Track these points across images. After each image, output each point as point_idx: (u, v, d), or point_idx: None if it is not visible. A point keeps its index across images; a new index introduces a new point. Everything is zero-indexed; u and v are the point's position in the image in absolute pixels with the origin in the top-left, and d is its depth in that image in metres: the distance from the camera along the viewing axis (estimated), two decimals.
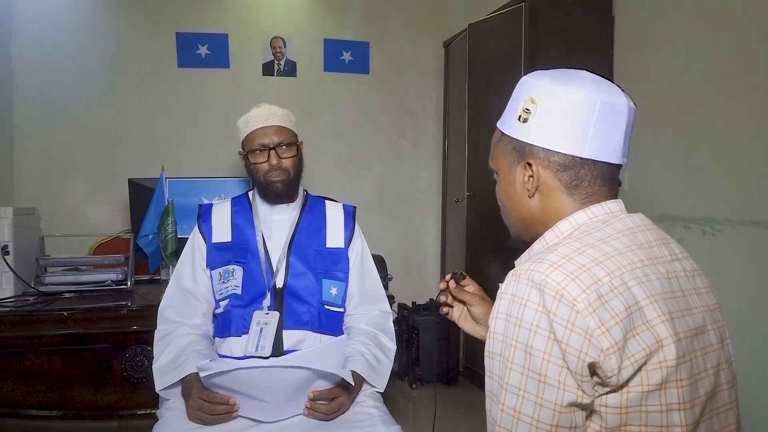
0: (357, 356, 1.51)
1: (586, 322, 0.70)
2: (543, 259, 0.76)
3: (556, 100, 0.83)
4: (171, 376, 1.44)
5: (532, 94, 0.85)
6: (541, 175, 0.86)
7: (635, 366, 0.71)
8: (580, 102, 0.82)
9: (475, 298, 1.12)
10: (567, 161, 0.84)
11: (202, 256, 1.61)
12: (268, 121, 1.58)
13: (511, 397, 0.74)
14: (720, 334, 0.84)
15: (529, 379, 0.73)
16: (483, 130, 2.99)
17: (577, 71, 0.87)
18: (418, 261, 3.80)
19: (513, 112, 0.89)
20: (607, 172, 0.85)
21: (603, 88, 0.83)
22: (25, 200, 3.10)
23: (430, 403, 2.94)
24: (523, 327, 0.74)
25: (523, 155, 0.87)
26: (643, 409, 0.73)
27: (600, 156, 0.83)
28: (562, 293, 0.72)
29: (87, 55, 3.22)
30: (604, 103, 0.81)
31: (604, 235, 0.80)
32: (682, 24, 2.22)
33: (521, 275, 0.76)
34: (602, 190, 0.85)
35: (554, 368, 0.71)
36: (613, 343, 0.70)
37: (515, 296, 0.76)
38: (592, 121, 0.81)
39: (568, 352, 0.71)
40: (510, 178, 0.91)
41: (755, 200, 1.92)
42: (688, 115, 2.17)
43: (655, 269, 0.79)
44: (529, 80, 0.87)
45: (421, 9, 3.72)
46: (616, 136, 0.83)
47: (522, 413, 0.73)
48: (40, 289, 2.03)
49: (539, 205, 0.88)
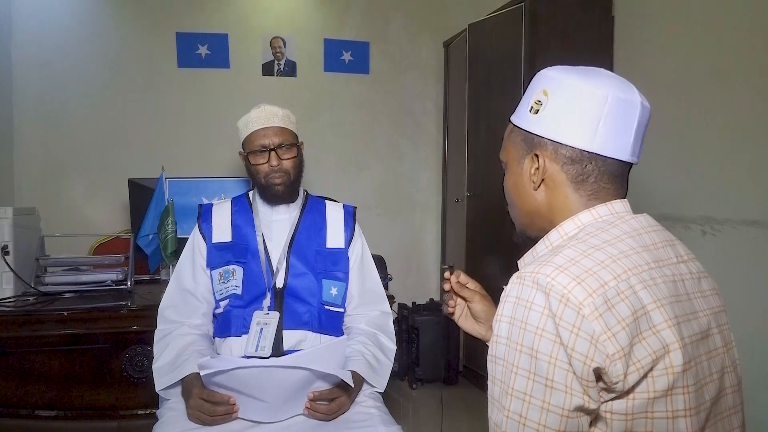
0: (357, 356, 1.51)
1: (592, 327, 0.69)
2: (548, 262, 0.75)
3: (567, 92, 0.83)
4: (171, 376, 1.44)
5: (545, 87, 0.85)
6: (547, 168, 0.85)
7: (641, 372, 0.70)
8: (591, 96, 0.81)
9: (475, 294, 1.11)
10: (574, 155, 0.83)
11: (202, 256, 1.61)
12: (268, 122, 1.58)
13: (517, 402, 0.73)
14: (725, 337, 0.84)
15: (535, 383, 0.72)
16: (483, 130, 2.99)
17: (597, 69, 0.87)
18: (418, 261, 3.80)
19: (526, 103, 0.88)
20: (616, 170, 0.84)
21: (617, 84, 0.82)
22: (25, 200, 3.10)
23: (430, 403, 2.94)
24: (528, 330, 0.72)
25: (532, 147, 0.87)
26: (649, 416, 0.72)
27: (608, 152, 0.82)
28: (568, 297, 0.71)
29: (87, 55, 3.23)
30: (615, 98, 0.81)
31: (609, 237, 0.79)
32: (682, 24, 2.22)
33: (526, 278, 0.75)
34: (609, 188, 0.84)
35: (561, 372, 0.70)
36: (619, 349, 0.69)
37: (520, 299, 0.75)
38: (602, 115, 0.81)
39: (573, 357, 0.70)
40: (518, 170, 0.90)
41: (755, 200, 1.91)
42: (689, 115, 2.17)
43: (661, 272, 0.78)
44: (545, 73, 0.87)
45: (421, 9, 3.72)
46: (626, 132, 0.82)
47: (528, 419, 0.72)
48: (40, 289, 2.03)
49: (544, 198, 0.87)
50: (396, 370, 2.30)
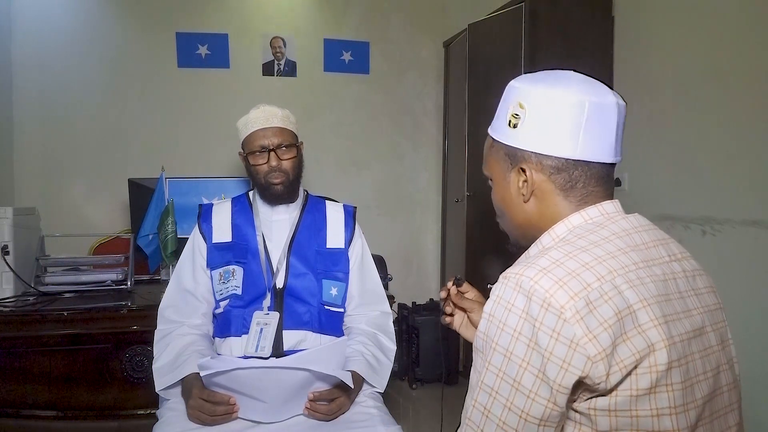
0: (357, 356, 1.51)
1: (573, 330, 0.70)
2: (533, 264, 0.76)
3: (544, 104, 0.83)
4: (171, 377, 1.44)
5: (520, 99, 0.85)
6: (535, 180, 0.85)
7: (624, 371, 0.71)
8: (569, 104, 0.81)
9: (475, 305, 1.12)
10: (560, 164, 0.83)
11: (202, 256, 1.61)
12: (267, 122, 1.58)
13: (484, 395, 0.75)
14: (721, 335, 0.84)
15: (503, 382, 0.74)
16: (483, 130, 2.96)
17: (563, 72, 0.87)
18: (418, 261, 3.81)
19: (503, 117, 0.88)
20: (602, 172, 0.85)
21: (590, 89, 0.83)
22: (25, 200, 3.11)
23: (430, 403, 2.94)
24: (505, 332, 0.74)
25: (516, 161, 0.87)
26: (634, 414, 0.72)
27: (593, 156, 0.83)
28: (550, 301, 0.71)
29: (87, 55, 3.23)
30: (592, 104, 0.81)
31: (597, 238, 0.79)
32: (682, 24, 2.22)
33: (510, 278, 0.76)
34: (597, 191, 0.85)
35: (529, 377, 0.72)
36: (601, 350, 0.70)
37: (501, 299, 0.76)
38: (582, 122, 0.81)
39: (550, 361, 0.70)
40: (504, 184, 0.90)
41: (755, 200, 1.91)
42: (689, 115, 2.17)
43: (650, 272, 0.78)
44: (515, 85, 0.87)
45: (421, 9, 3.72)
46: (607, 135, 0.83)
47: (492, 413, 0.74)
48: (40, 289, 2.03)
49: (535, 209, 0.88)
50: (396, 370, 2.30)
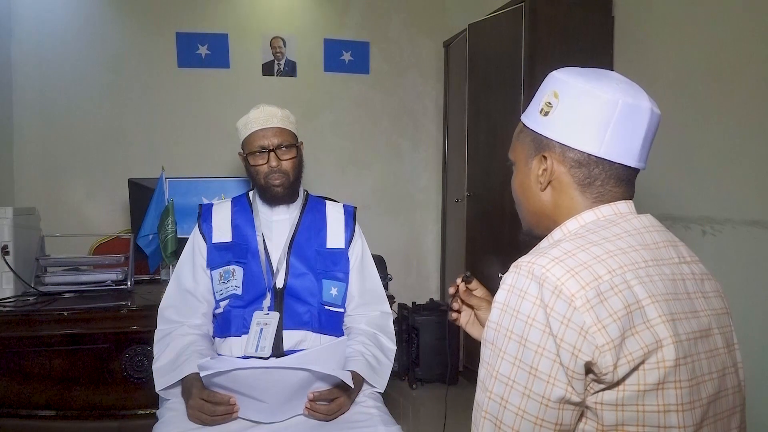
0: (357, 356, 1.51)
1: (583, 319, 0.71)
2: (545, 253, 0.77)
3: (577, 96, 0.83)
4: (171, 377, 1.44)
5: (556, 89, 0.86)
6: (555, 170, 0.86)
7: (632, 364, 0.71)
8: (602, 101, 0.81)
9: (482, 302, 1.12)
10: (582, 158, 0.84)
11: (202, 256, 1.61)
12: (267, 122, 1.58)
13: (500, 385, 0.75)
14: (727, 338, 0.84)
15: (519, 370, 0.74)
16: (483, 130, 2.99)
17: (608, 72, 0.87)
18: (418, 261, 3.81)
19: (536, 104, 0.89)
20: (622, 174, 0.85)
21: (628, 90, 0.83)
22: (25, 200, 3.10)
23: (430, 403, 2.94)
24: (519, 319, 0.74)
25: (540, 148, 0.88)
26: (640, 409, 0.73)
27: (616, 157, 0.83)
28: (561, 288, 0.72)
29: (87, 55, 3.23)
30: (626, 104, 0.81)
31: (609, 234, 0.80)
32: (682, 24, 2.22)
33: (522, 267, 0.77)
34: (615, 192, 0.85)
35: (546, 362, 0.72)
36: (609, 340, 0.71)
37: (514, 287, 0.76)
38: (612, 121, 0.81)
39: (562, 347, 0.71)
40: (525, 170, 0.91)
41: (755, 200, 1.91)
42: (689, 115, 2.17)
43: (660, 270, 0.79)
44: (556, 75, 0.88)
45: (421, 9, 3.72)
46: (634, 138, 0.83)
47: (510, 402, 0.74)
48: (40, 289, 2.03)
49: (551, 199, 0.88)
50: (396, 370, 2.30)
